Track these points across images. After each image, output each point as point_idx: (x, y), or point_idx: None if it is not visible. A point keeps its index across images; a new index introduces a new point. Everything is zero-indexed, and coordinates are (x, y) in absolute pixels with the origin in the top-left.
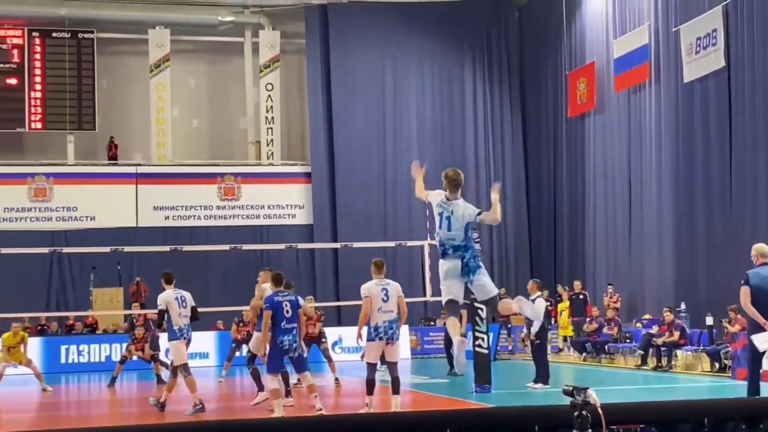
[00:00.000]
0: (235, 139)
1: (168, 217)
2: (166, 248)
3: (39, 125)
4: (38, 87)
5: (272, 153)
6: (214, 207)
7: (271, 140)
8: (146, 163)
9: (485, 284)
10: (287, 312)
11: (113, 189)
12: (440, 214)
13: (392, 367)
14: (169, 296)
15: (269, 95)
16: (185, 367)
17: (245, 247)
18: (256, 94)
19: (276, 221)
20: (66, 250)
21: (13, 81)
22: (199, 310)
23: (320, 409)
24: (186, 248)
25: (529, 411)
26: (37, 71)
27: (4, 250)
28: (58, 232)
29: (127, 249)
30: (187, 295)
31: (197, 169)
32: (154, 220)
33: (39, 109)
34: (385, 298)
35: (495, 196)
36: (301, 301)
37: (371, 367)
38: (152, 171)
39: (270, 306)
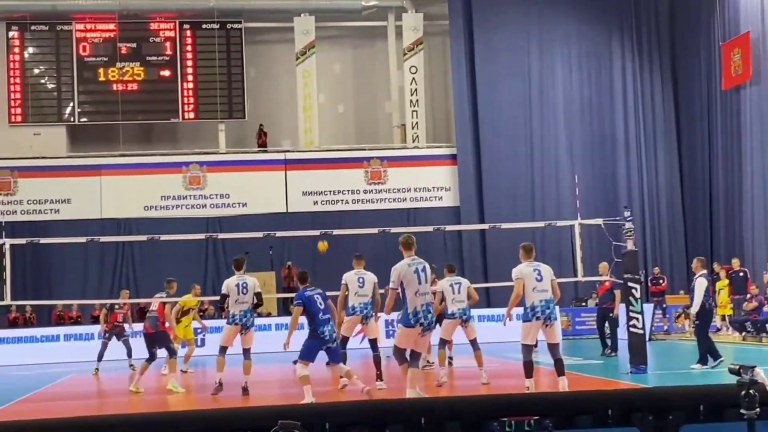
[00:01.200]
0: (380, 123)
1: (317, 202)
2: (316, 232)
3: (192, 115)
4: (190, 78)
5: (417, 136)
6: (361, 191)
7: (416, 123)
8: (294, 149)
9: None
10: (320, 304)
11: (263, 176)
12: None
13: (554, 348)
14: (231, 282)
15: (413, 78)
16: (222, 350)
17: (394, 230)
18: (400, 77)
19: (423, 204)
20: (221, 236)
21: (166, 73)
22: None
23: (367, 389)
24: (336, 232)
25: (692, 390)
26: (189, 62)
27: (163, 237)
28: (213, 219)
29: (279, 234)
30: (251, 281)
31: (344, 154)
32: (303, 206)
33: (191, 100)
34: (538, 278)
35: None
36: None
37: (527, 349)
38: (300, 157)
39: (302, 302)
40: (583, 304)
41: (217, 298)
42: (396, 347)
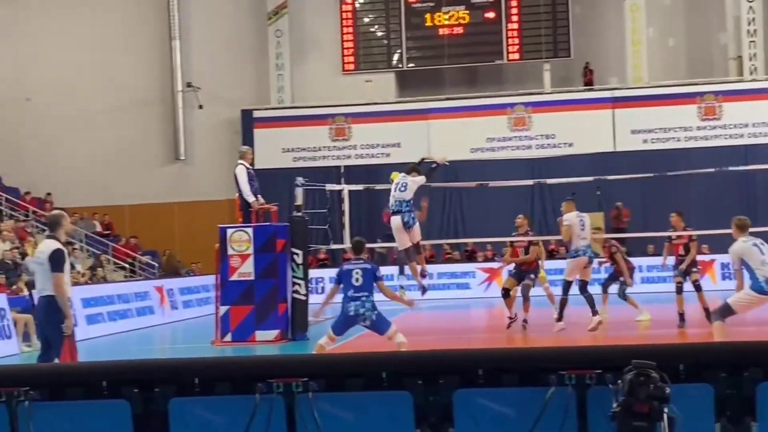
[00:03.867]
0: (714, 55)
1: (646, 140)
2: (649, 174)
3: (516, 56)
4: (514, 18)
5: (755, 68)
6: (693, 128)
7: (754, 54)
8: (622, 86)
9: None
10: (356, 280)
11: (590, 115)
12: None
13: None
14: (572, 217)
15: (750, 6)
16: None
17: (731, 168)
18: (735, 6)
19: (761, 140)
20: (550, 181)
21: (490, 15)
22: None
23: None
24: (669, 174)
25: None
26: (513, 3)
27: (492, 184)
28: (538, 160)
29: (609, 177)
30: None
31: (674, 89)
32: (632, 144)
33: (516, 40)
34: None
35: None
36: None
37: None
38: (628, 94)
39: (338, 278)
40: None
41: (541, 238)
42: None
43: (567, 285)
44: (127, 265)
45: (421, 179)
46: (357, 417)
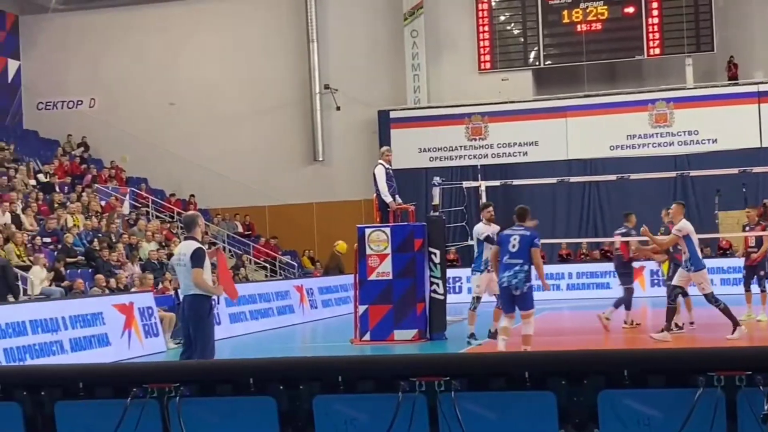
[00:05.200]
0: None
1: None
2: None
3: (657, 51)
4: (655, 13)
5: None
6: None
7: None
8: None
9: None
10: (513, 246)
11: (734, 110)
12: None
13: None
14: (688, 225)
15: None
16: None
17: None
18: None
19: None
20: (692, 173)
21: (630, 9)
22: None
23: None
24: None
25: None
26: None
27: (633, 176)
28: (680, 157)
29: (755, 170)
30: None
31: None
32: None
33: (656, 35)
34: None
35: None
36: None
37: None
38: None
39: (498, 240)
40: None
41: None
42: None
43: (713, 297)
44: (267, 265)
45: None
46: (500, 416)
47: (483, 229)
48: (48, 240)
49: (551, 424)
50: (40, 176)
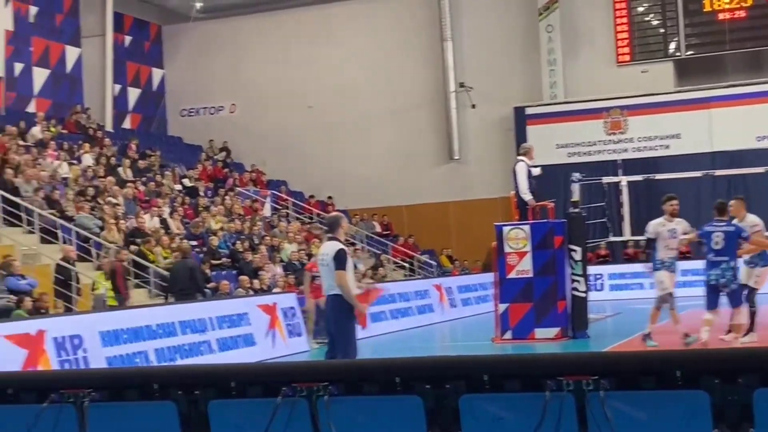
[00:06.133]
0: None
1: None
2: None
3: None
4: None
5: None
6: None
7: None
8: None
9: None
10: (716, 243)
11: None
12: None
13: None
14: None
15: None
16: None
17: None
18: None
19: None
20: None
21: None
22: None
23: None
24: None
25: None
26: None
27: None
28: None
29: None
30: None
31: None
32: None
33: None
34: None
35: None
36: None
37: None
38: None
39: (701, 235)
40: None
41: None
42: None
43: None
44: (406, 264)
45: None
46: (650, 416)
47: (658, 225)
48: (194, 243)
49: (705, 424)
50: (185, 181)
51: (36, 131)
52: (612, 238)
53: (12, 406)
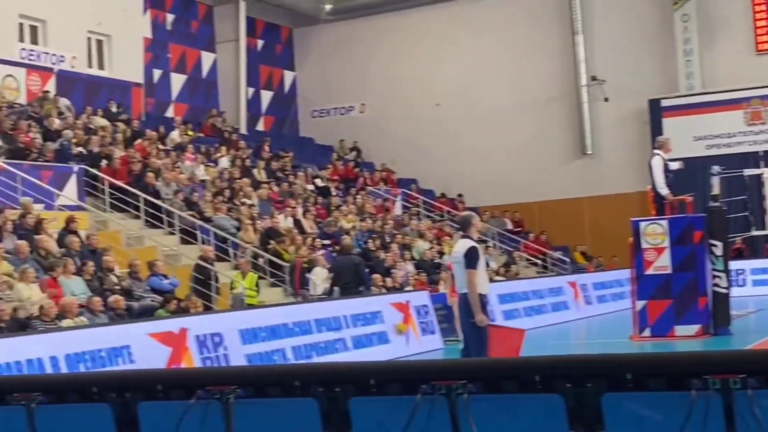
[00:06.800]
0: None
1: None
2: None
3: None
4: None
5: None
6: None
7: None
8: None
9: None
10: None
11: None
12: None
13: None
14: None
15: None
16: None
17: None
18: None
19: None
20: None
21: None
22: None
23: None
24: None
25: None
26: None
27: None
28: None
29: None
30: None
31: None
32: None
33: None
34: None
35: None
36: None
37: None
38: None
39: None
40: None
41: None
42: None
43: None
44: (538, 261)
45: None
46: None
47: None
48: (327, 242)
49: None
50: (317, 181)
51: (174, 135)
52: (754, 232)
53: (162, 402)
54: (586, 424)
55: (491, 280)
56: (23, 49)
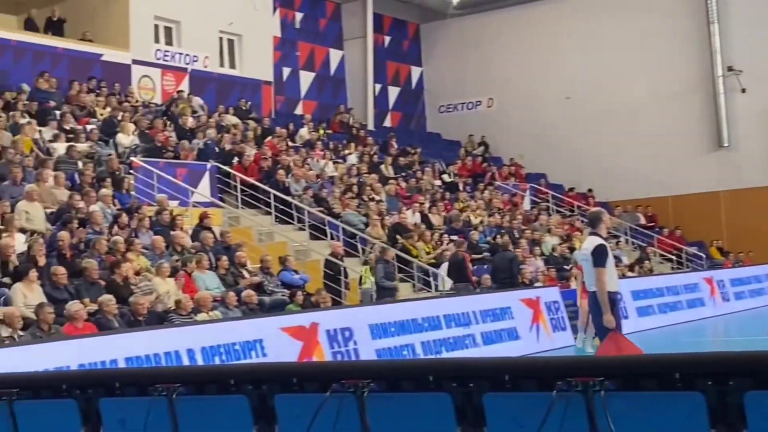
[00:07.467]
0: None
1: None
2: None
3: None
4: None
5: None
6: None
7: None
8: None
9: None
10: None
11: None
12: None
13: None
14: None
15: None
16: None
17: None
18: None
19: None
20: None
21: None
22: None
23: None
24: None
25: None
26: None
27: None
28: None
29: None
30: None
31: None
32: None
33: None
34: None
35: None
36: None
37: None
38: None
39: None
40: None
41: None
42: None
43: None
44: (672, 257)
45: None
46: None
47: None
48: (455, 237)
49: None
50: (445, 176)
51: (304, 132)
52: None
53: (297, 395)
54: (728, 423)
55: (623, 276)
56: (158, 50)
